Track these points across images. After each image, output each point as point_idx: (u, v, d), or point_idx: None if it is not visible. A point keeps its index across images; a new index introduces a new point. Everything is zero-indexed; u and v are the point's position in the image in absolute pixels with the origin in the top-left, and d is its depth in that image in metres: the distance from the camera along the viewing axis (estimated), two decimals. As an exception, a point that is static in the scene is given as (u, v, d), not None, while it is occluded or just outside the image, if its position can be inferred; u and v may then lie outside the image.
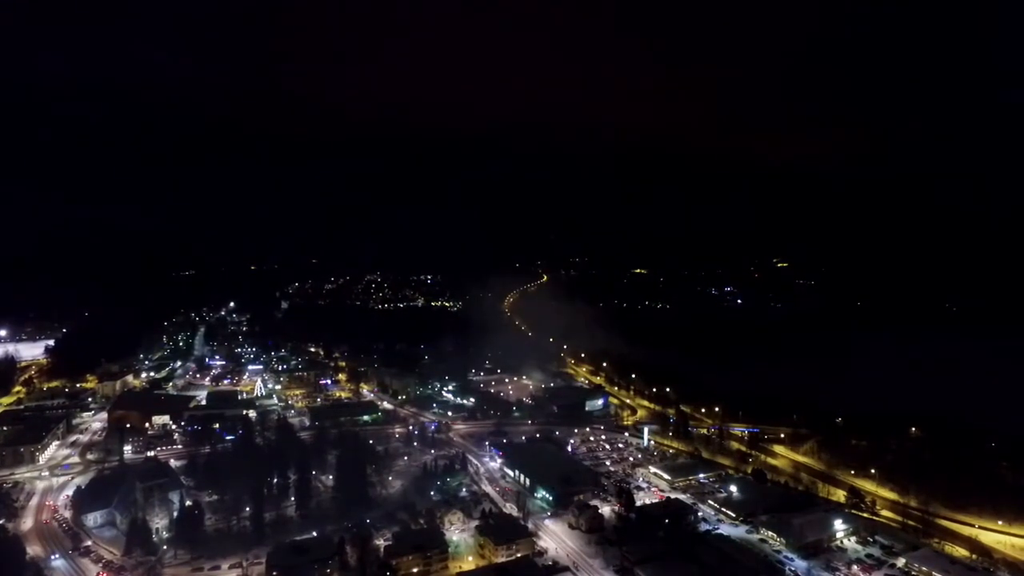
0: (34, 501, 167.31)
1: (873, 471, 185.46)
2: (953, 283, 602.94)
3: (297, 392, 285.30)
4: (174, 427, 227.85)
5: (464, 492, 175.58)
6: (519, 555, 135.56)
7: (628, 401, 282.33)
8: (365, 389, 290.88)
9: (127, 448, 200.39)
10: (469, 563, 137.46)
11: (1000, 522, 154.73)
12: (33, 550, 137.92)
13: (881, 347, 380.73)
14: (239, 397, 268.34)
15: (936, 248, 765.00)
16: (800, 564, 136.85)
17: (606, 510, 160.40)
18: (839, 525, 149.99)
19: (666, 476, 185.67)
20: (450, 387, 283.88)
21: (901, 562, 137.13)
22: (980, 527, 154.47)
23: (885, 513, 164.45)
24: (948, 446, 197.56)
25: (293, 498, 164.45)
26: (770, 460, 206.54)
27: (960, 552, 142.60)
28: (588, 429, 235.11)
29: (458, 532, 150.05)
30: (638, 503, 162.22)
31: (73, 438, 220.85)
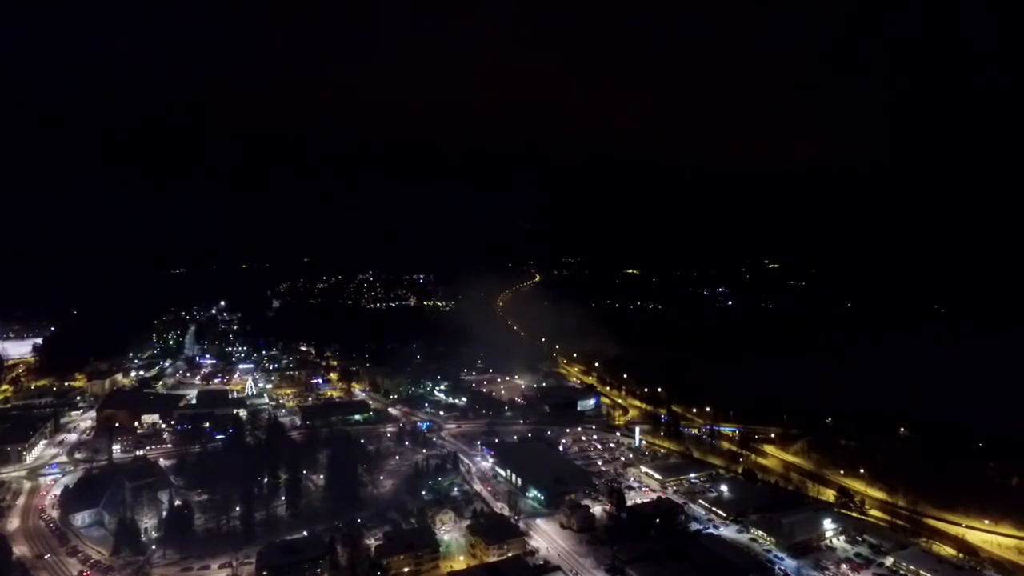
0: (21, 501, 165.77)
1: (862, 471, 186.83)
2: (942, 284, 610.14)
3: (288, 391, 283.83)
4: (164, 426, 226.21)
5: (456, 492, 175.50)
6: (510, 554, 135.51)
7: (620, 401, 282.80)
8: (356, 388, 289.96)
9: (116, 447, 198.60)
10: (460, 562, 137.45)
11: (987, 521, 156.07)
12: (20, 550, 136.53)
13: (871, 348, 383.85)
14: (229, 396, 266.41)
15: (925, 249, 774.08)
16: (789, 563, 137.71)
17: (597, 509, 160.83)
18: (828, 524, 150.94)
19: (657, 476, 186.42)
20: (442, 387, 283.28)
21: (889, 561, 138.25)
22: (967, 526, 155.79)
23: (874, 512, 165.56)
24: (936, 446, 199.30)
25: (284, 497, 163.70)
26: (760, 460, 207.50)
27: (947, 551, 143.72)
28: (580, 429, 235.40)
29: (449, 531, 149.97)
30: (629, 503, 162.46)
31: (61, 437, 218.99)
